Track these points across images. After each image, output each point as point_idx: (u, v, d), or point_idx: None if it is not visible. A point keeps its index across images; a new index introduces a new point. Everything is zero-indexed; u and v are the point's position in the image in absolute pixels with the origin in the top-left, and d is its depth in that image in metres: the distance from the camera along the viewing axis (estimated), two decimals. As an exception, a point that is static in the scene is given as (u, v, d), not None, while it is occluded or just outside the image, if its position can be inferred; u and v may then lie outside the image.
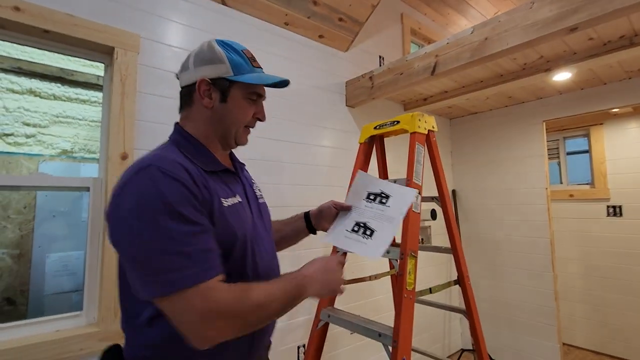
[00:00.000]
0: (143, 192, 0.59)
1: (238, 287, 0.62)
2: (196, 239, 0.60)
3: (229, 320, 0.59)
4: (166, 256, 0.57)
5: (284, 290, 0.67)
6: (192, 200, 0.62)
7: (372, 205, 0.99)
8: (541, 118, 2.48)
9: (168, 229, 0.57)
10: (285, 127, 1.88)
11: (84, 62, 2.53)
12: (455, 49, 1.62)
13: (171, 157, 0.66)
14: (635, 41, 1.50)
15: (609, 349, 2.72)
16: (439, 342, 2.68)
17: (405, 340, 1.08)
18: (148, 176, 0.60)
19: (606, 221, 2.78)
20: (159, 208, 0.58)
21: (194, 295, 0.56)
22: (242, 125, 0.79)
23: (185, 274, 0.57)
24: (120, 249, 0.60)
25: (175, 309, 0.57)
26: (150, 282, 0.57)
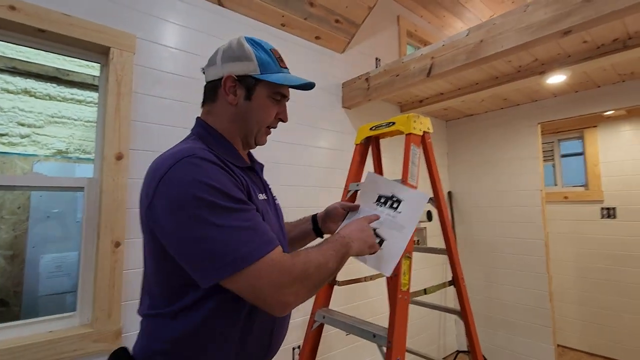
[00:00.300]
0: (192, 179, 0.59)
1: (297, 253, 0.66)
2: (252, 214, 0.63)
3: (303, 282, 0.62)
4: (233, 233, 0.58)
5: (334, 249, 0.71)
6: (236, 183, 0.65)
7: (383, 209, 0.95)
8: (536, 120, 2.50)
9: (227, 208, 0.60)
10: (281, 127, 1.87)
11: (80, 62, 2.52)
12: (450, 51, 1.63)
13: (203, 147, 0.68)
14: (628, 44, 1.52)
15: (603, 350, 2.74)
16: (435, 344, 2.69)
17: (400, 341, 1.08)
18: (190, 164, 0.61)
19: (600, 223, 2.80)
20: (213, 192, 0.59)
21: (267, 265, 0.59)
22: (265, 124, 0.79)
23: (255, 246, 0.59)
24: (175, 238, 0.60)
25: (251, 283, 0.58)
26: (219, 263, 0.57)
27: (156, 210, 0.61)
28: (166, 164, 0.62)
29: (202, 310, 0.64)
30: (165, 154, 0.67)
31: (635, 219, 2.65)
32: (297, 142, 1.95)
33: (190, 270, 0.60)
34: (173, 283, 0.65)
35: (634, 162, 2.69)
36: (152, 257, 0.67)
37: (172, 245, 0.61)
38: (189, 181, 0.59)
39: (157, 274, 0.67)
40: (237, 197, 0.62)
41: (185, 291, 0.64)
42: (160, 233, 0.62)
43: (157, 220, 0.61)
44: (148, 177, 0.66)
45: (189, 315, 0.64)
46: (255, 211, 0.65)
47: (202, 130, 0.76)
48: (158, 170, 0.63)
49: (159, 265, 0.66)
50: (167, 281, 0.66)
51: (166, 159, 0.64)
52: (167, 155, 0.66)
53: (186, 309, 0.64)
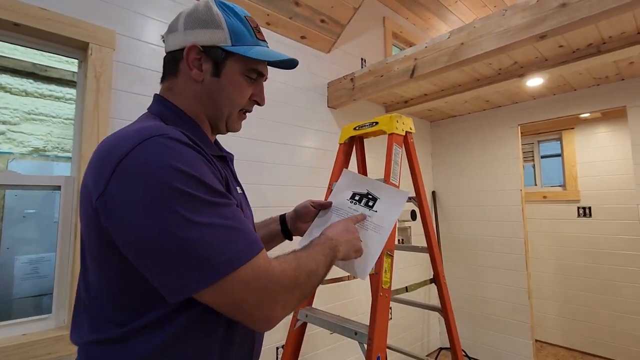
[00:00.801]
0: (165, 164, 0.47)
1: (286, 257, 0.58)
2: (234, 209, 0.53)
3: (293, 292, 0.54)
4: (213, 233, 0.48)
5: (323, 254, 0.64)
6: (215, 172, 0.55)
7: (358, 207, 0.88)
8: (516, 122, 2.56)
9: (207, 202, 0.49)
10: (266, 126, 1.88)
11: (58, 57, 2.45)
12: (433, 53, 1.66)
13: (172, 127, 0.54)
14: (602, 49, 1.57)
15: (579, 345, 2.83)
16: (419, 341, 2.73)
17: (380, 339, 1.09)
18: (162, 145, 0.49)
19: (576, 222, 2.90)
20: (190, 181, 0.48)
21: (253, 272, 0.49)
22: (237, 107, 0.66)
23: (239, 249, 0.49)
24: (139, 238, 0.47)
25: (234, 294, 0.48)
26: (197, 270, 0.46)
27: (113, 201, 0.48)
28: (127, 144, 0.49)
29: (170, 328, 0.51)
30: (120, 132, 0.53)
31: (608, 217, 2.75)
32: (282, 142, 1.95)
33: (154, 280, 0.48)
34: (130, 295, 0.52)
35: (608, 163, 2.79)
36: (99, 262, 0.54)
37: (132, 246, 0.48)
38: (162, 166, 0.47)
39: (107, 284, 0.53)
40: (218, 189, 0.52)
41: (148, 305, 0.51)
42: (117, 230, 0.48)
43: (112, 214, 0.48)
44: (98, 159, 0.51)
45: (152, 335, 0.51)
46: (236, 206, 0.55)
47: (164, 109, 0.63)
48: (115, 151, 0.49)
49: (109, 273, 0.53)
50: (120, 293, 0.52)
51: (126, 138, 0.50)
52: (127, 134, 0.51)
53: (147, 328, 0.51)
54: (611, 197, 2.75)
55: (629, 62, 1.85)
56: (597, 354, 2.73)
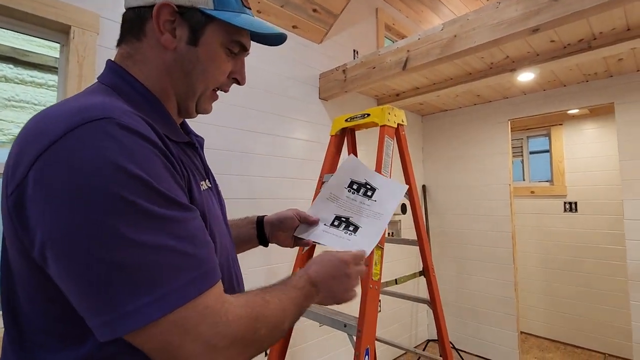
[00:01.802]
0: (107, 162, 0.36)
1: (250, 300, 0.46)
2: (191, 224, 0.42)
3: (246, 346, 0.42)
4: (158, 257, 0.37)
5: (295, 304, 0.52)
6: (174, 173, 0.44)
7: (356, 197, 0.86)
8: (506, 117, 2.58)
9: (156, 216, 0.38)
10: (256, 117, 1.84)
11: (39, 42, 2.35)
12: (425, 45, 1.64)
13: (124, 107, 0.43)
14: (593, 45, 1.58)
15: (562, 336, 2.90)
16: (407, 334, 2.76)
17: (369, 330, 1.09)
18: (106, 134, 0.38)
19: (563, 217, 2.95)
20: (139, 188, 0.38)
21: (196, 313, 0.38)
22: (214, 84, 0.55)
23: (187, 281, 0.38)
24: (59, 253, 0.36)
25: (168, 339, 0.37)
26: (128, 305, 0.35)
27: (31, 198, 0.37)
28: (61, 124, 0.38)
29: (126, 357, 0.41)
30: (57, 107, 0.41)
31: (593, 212, 2.80)
32: (272, 133, 1.92)
33: (80, 309, 0.38)
34: (58, 312, 0.40)
35: (594, 159, 2.84)
36: (22, 262, 0.41)
37: (50, 260, 0.37)
38: (104, 164, 0.36)
39: (28, 291, 0.41)
40: (174, 199, 0.41)
41: (80, 333, 0.40)
42: (30, 236, 0.37)
43: (26, 213, 0.37)
44: (22, 139, 0.40)
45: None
46: (197, 219, 0.44)
47: (121, 81, 0.50)
48: (44, 131, 0.38)
49: (30, 281, 0.41)
50: (46, 307, 0.41)
51: (61, 116, 0.39)
52: (64, 110, 0.40)
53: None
54: (596, 193, 2.81)
55: (618, 59, 1.87)
56: (580, 345, 2.81)
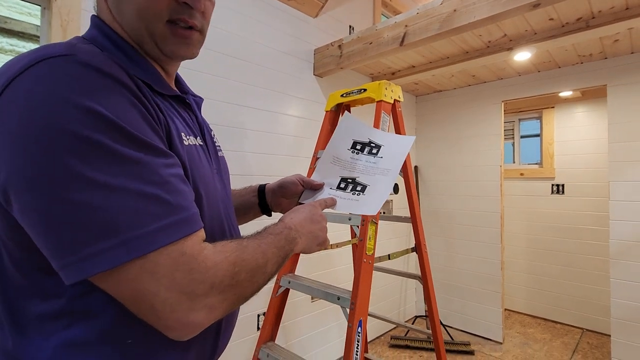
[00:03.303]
0: (63, 97, 0.35)
1: (227, 245, 0.44)
2: (164, 172, 0.39)
3: (225, 292, 0.41)
4: (121, 200, 0.35)
5: (276, 246, 0.51)
6: (145, 115, 0.41)
7: (360, 157, 0.82)
8: (500, 98, 2.58)
9: (119, 155, 0.36)
10: (249, 92, 1.80)
11: (19, 8, 2.22)
12: (424, 20, 1.61)
13: (94, 49, 0.41)
14: (591, 24, 1.57)
15: (544, 313, 3.02)
16: (396, 310, 2.83)
17: (363, 303, 1.11)
18: (58, 69, 0.36)
19: (550, 198, 3.02)
20: (98, 124, 0.35)
21: (169, 259, 0.37)
22: (158, 17, 0.47)
23: (157, 226, 0.37)
24: (19, 194, 0.35)
25: (137, 286, 0.36)
26: (90, 247, 0.34)
27: None
28: (17, 65, 0.37)
29: (97, 319, 0.40)
30: (27, 52, 0.40)
31: (579, 194, 2.87)
32: (265, 109, 1.88)
33: (45, 251, 0.37)
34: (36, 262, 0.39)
35: (583, 142, 2.88)
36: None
37: (13, 201, 0.36)
38: (54, 100, 0.35)
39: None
40: (142, 139, 0.38)
41: (55, 283, 0.39)
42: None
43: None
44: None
45: (77, 325, 0.39)
46: (174, 167, 0.42)
47: (99, 33, 0.47)
48: (3, 74, 0.37)
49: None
50: (18, 254, 0.40)
51: (21, 57, 0.38)
52: (27, 52, 0.39)
53: (66, 315, 0.39)
54: (583, 175, 2.87)
55: (614, 40, 1.86)
56: (559, 321, 2.93)
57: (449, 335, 2.64)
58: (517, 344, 2.55)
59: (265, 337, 1.35)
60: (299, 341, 2.03)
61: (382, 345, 2.53)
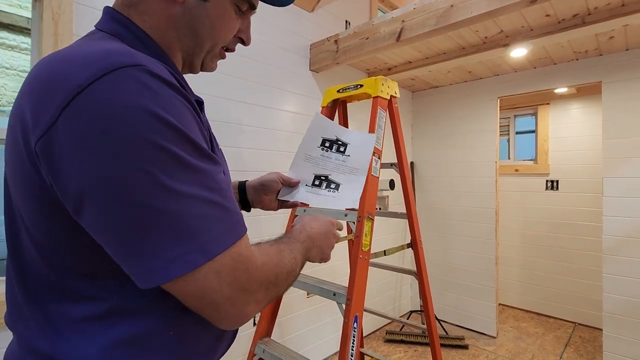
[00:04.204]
0: (143, 109, 0.36)
1: (269, 248, 0.50)
2: (220, 179, 0.42)
3: (269, 290, 0.46)
4: (192, 208, 0.38)
5: (302, 254, 0.57)
6: (200, 126, 0.44)
7: (330, 154, 0.87)
8: (496, 94, 2.58)
9: (190, 166, 0.38)
10: (245, 87, 1.78)
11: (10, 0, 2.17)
12: (421, 15, 1.60)
13: (146, 56, 0.42)
14: (587, 20, 1.57)
15: (537, 307, 3.06)
16: (391, 305, 2.85)
17: (359, 299, 1.11)
18: (137, 81, 0.37)
19: (544, 194, 3.04)
20: (175, 137, 0.37)
21: (232, 260, 0.40)
22: (222, 43, 0.55)
23: (222, 231, 0.40)
24: (96, 202, 0.36)
25: (205, 285, 0.39)
26: (167, 252, 0.36)
27: (62, 147, 0.35)
28: (86, 71, 0.36)
29: (143, 317, 0.43)
30: (72, 52, 0.40)
31: (573, 190, 2.90)
32: (261, 104, 1.87)
33: (120, 258, 0.38)
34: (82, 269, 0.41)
35: (577, 138, 2.90)
36: (41, 212, 0.40)
37: (87, 210, 0.37)
38: (138, 111, 0.36)
39: (53, 254, 0.41)
40: (204, 150, 0.41)
41: (99, 288, 0.42)
42: (62, 186, 0.36)
43: (57, 162, 0.36)
44: (40, 87, 0.38)
45: (104, 325, 0.41)
46: (222, 173, 0.44)
47: (124, 29, 0.47)
48: (67, 78, 0.36)
49: (55, 237, 0.41)
50: (64, 259, 0.41)
51: (83, 62, 0.37)
52: (84, 55, 0.38)
53: (98, 318, 0.41)
54: (577, 171, 2.89)
55: (609, 37, 1.87)
56: (552, 315, 2.97)
57: (444, 329, 2.66)
58: (510, 338, 2.58)
59: (262, 333, 1.35)
60: (295, 336, 2.04)
61: (377, 340, 2.55)
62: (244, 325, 1.73)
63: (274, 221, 1.90)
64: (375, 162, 1.24)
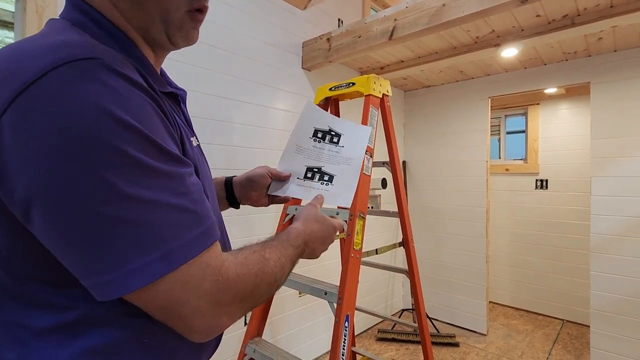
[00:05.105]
0: (98, 107, 0.32)
1: (250, 255, 0.45)
2: (189, 182, 0.39)
3: (245, 301, 0.42)
4: (154, 215, 0.35)
5: (292, 261, 0.53)
6: (167, 125, 0.40)
7: (323, 145, 0.83)
8: (487, 94, 2.60)
9: (152, 170, 0.35)
10: (236, 85, 1.76)
11: (-7, -6, 2.11)
12: (413, 14, 1.60)
13: (107, 47, 0.37)
14: (576, 21, 1.59)
15: (527, 305, 3.10)
16: (383, 304, 2.86)
17: (350, 298, 1.11)
18: (89, 75, 0.33)
19: (534, 193, 3.08)
20: (130, 137, 0.34)
21: (198, 270, 0.37)
22: (180, 6, 0.44)
23: (189, 239, 0.37)
24: (48, 210, 0.32)
25: (170, 296, 0.36)
26: (129, 264, 0.34)
27: (8, 146, 0.32)
28: (36, 64, 0.32)
29: (115, 325, 0.39)
30: (26, 44, 0.35)
31: (562, 189, 2.94)
32: (253, 102, 1.85)
33: (74, 269, 0.35)
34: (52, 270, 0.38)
35: (566, 138, 2.94)
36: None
37: (36, 217, 0.33)
38: (92, 110, 0.32)
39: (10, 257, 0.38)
40: (171, 152, 0.38)
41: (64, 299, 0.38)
42: (7, 189, 0.33)
43: (3, 165, 0.32)
44: None
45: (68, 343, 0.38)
46: (193, 175, 0.41)
47: (86, 19, 0.41)
48: (15, 72, 0.33)
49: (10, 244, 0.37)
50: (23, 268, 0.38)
51: (35, 54, 0.33)
52: (37, 47, 0.34)
53: (59, 329, 0.38)
54: (566, 171, 2.93)
55: (598, 38, 1.89)
56: (541, 313, 3.01)
57: (435, 327, 2.68)
58: (500, 336, 2.60)
59: (252, 333, 1.34)
60: (287, 336, 2.03)
61: (369, 339, 2.55)
62: (234, 325, 1.72)
63: (266, 220, 1.88)
64: (368, 161, 1.23)
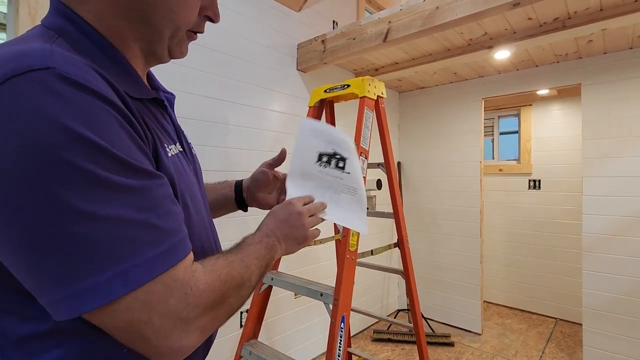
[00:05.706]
0: (40, 121, 0.31)
1: (216, 264, 0.44)
2: (155, 193, 0.38)
3: (215, 311, 0.41)
4: (113, 231, 0.34)
5: (257, 257, 0.52)
6: (134, 136, 0.38)
7: (328, 171, 0.76)
8: (481, 95, 2.63)
9: (110, 184, 0.34)
10: (231, 86, 1.76)
11: (-16, -6, 2.09)
12: (408, 16, 1.61)
13: (69, 54, 0.36)
14: (567, 24, 1.61)
15: (521, 304, 3.13)
16: (378, 304, 2.87)
17: (346, 299, 1.11)
18: (41, 87, 0.32)
19: (527, 193, 3.11)
20: (84, 150, 0.32)
21: (163, 286, 0.36)
22: (185, 26, 0.48)
23: (147, 257, 0.35)
24: (1, 230, 0.32)
25: (131, 317, 0.35)
26: (78, 282, 0.32)
27: None
28: None
29: (90, 336, 0.38)
30: None
31: (554, 189, 2.98)
32: (248, 104, 1.85)
33: (29, 287, 0.34)
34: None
35: (558, 138, 2.98)
36: None
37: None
38: (43, 123, 0.31)
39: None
40: (133, 165, 0.36)
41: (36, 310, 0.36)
42: None
43: None
44: None
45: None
46: (163, 187, 0.40)
47: (65, 22, 0.41)
48: None
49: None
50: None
51: None
52: None
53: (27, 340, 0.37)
54: (559, 171, 2.97)
55: (588, 41, 1.92)
56: (535, 311, 3.04)
57: (430, 327, 2.69)
58: (495, 335, 2.63)
59: (248, 335, 1.34)
60: (283, 337, 2.03)
61: (365, 339, 2.56)
62: (230, 327, 1.71)
63: (261, 222, 1.88)
64: (363, 162, 1.24)
